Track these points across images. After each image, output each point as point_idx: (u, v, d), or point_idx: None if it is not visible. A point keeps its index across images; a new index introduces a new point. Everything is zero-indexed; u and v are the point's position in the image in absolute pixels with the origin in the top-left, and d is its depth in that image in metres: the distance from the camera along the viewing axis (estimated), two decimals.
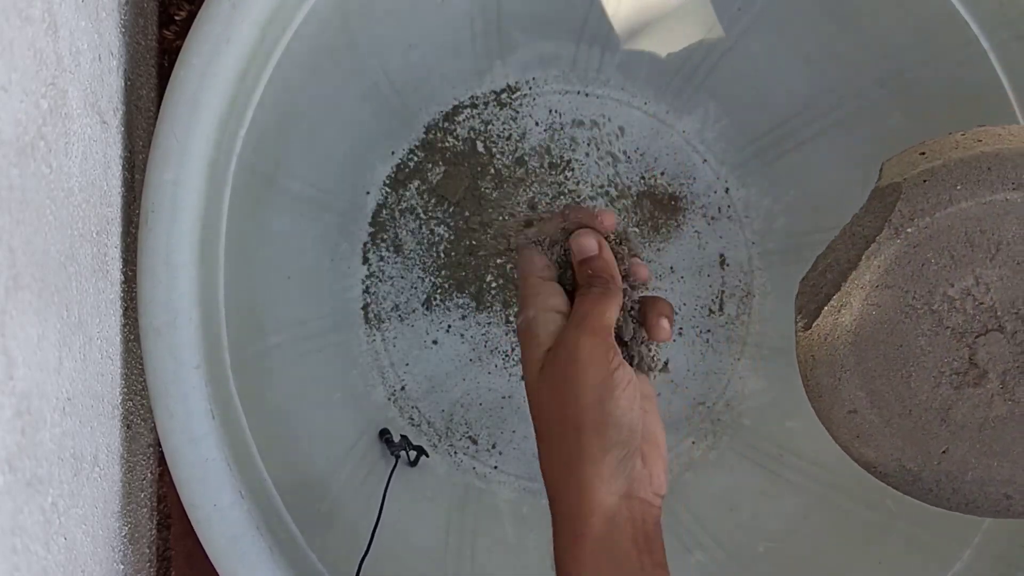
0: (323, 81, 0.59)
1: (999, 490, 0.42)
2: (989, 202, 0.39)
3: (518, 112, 0.70)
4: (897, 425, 0.43)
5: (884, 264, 0.41)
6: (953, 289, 0.40)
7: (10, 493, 0.29)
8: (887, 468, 0.44)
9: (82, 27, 0.38)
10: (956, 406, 0.42)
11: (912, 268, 0.41)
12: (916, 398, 0.42)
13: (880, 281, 0.41)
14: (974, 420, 0.42)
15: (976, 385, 0.41)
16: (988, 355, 0.41)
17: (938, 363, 0.41)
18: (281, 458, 0.54)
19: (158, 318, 0.46)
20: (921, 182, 0.40)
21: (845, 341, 0.43)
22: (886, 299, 0.41)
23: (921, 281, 0.41)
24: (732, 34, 0.65)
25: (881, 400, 0.43)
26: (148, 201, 0.45)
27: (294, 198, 0.61)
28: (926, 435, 0.43)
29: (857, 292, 0.42)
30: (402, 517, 0.63)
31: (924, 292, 0.41)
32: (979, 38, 0.53)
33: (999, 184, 0.39)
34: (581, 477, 0.38)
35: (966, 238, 0.40)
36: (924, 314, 0.41)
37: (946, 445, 0.42)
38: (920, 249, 0.40)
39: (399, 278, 0.69)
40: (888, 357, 0.42)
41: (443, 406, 0.71)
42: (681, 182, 0.72)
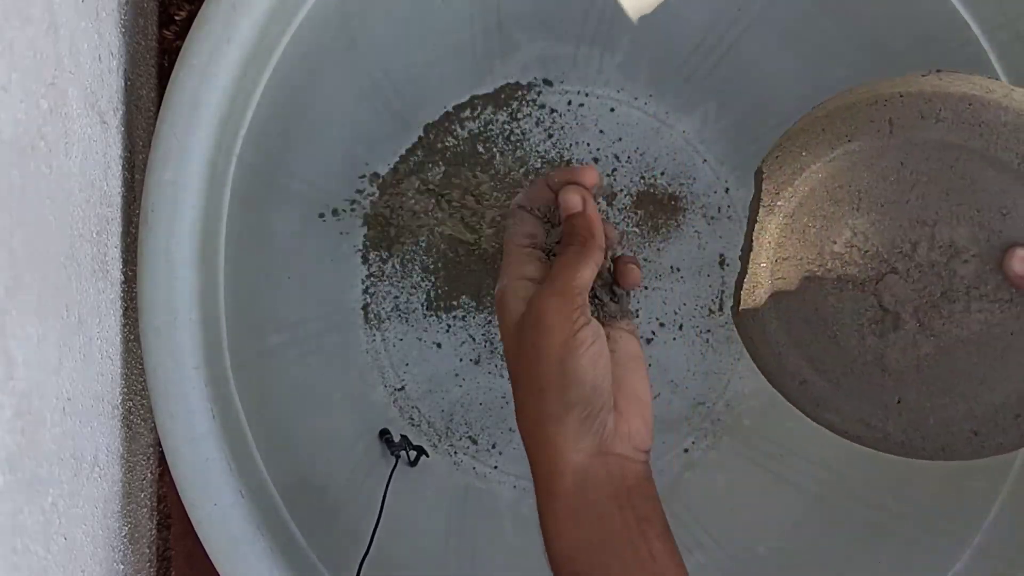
0: (323, 81, 0.59)
1: (964, 427, 0.43)
2: (833, 158, 0.42)
3: (518, 112, 0.70)
4: (846, 385, 0.44)
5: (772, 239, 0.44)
6: (837, 245, 0.42)
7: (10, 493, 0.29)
8: (856, 429, 0.46)
9: (82, 27, 0.38)
10: (887, 353, 0.43)
11: (796, 236, 0.43)
12: (850, 355, 0.44)
13: (775, 255, 0.44)
14: (908, 363, 0.43)
15: (896, 328, 0.42)
16: (893, 297, 0.42)
17: (854, 316, 0.43)
18: (281, 458, 0.54)
19: (158, 318, 0.46)
20: (774, 159, 0.44)
21: (771, 318, 0.46)
22: (787, 270, 0.44)
23: (808, 245, 0.43)
24: (732, 34, 0.65)
25: (822, 364, 0.45)
26: (148, 201, 0.45)
27: (294, 198, 0.61)
28: (874, 388, 0.44)
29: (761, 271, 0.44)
30: (402, 517, 0.63)
31: (815, 255, 0.43)
32: (979, 38, 0.53)
33: (835, 140, 0.42)
34: (548, 437, 0.39)
35: (828, 196, 0.42)
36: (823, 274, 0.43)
37: (897, 394, 0.44)
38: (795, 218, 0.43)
39: (399, 278, 0.69)
40: (810, 322, 0.44)
41: (443, 406, 0.71)
42: (681, 182, 0.72)
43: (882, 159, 0.41)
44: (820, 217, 0.42)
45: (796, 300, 0.44)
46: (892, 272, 0.42)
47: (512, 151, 0.70)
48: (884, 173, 0.41)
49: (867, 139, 0.41)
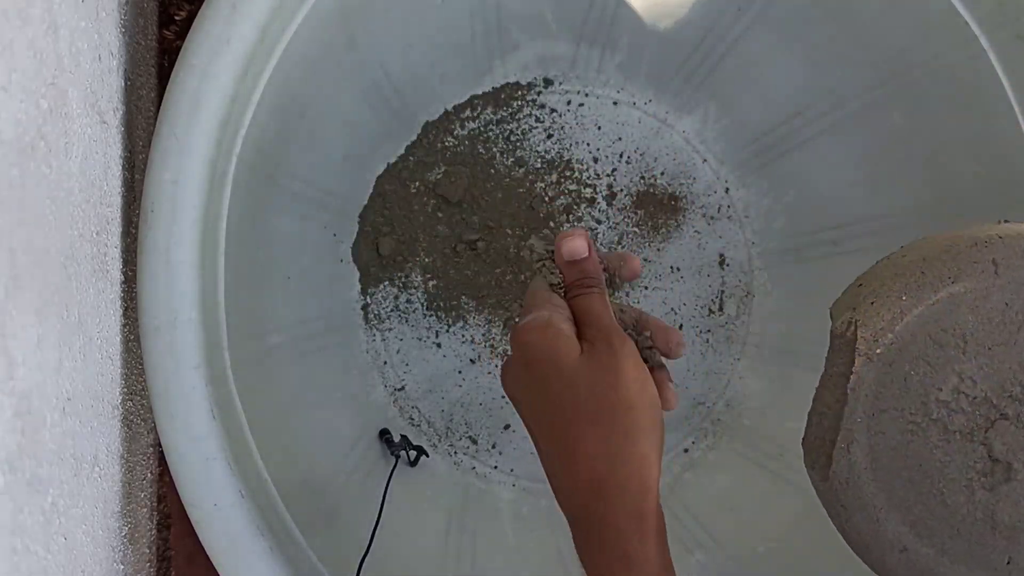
0: (323, 81, 0.59)
1: None
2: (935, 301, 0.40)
3: (518, 112, 0.70)
4: (952, 550, 0.42)
5: (871, 391, 0.41)
6: (943, 392, 0.40)
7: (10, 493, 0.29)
8: None
9: (82, 27, 0.38)
10: (998, 508, 0.41)
11: (897, 386, 0.41)
12: (958, 514, 0.42)
13: (874, 408, 0.41)
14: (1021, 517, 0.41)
15: (1008, 480, 0.41)
16: (1004, 446, 0.40)
17: (962, 470, 0.41)
18: (281, 458, 0.54)
19: (158, 318, 0.46)
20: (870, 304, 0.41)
21: (867, 479, 0.43)
22: (886, 424, 0.41)
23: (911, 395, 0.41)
24: (732, 34, 0.65)
25: (926, 529, 0.43)
26: (148, 201, 0.45)
27: (294, 197, 0.61)
28: (984, 549, 0.42)
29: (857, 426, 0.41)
30: (402, 517, 0.63)
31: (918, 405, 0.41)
32: (979, 38, 0.53)
33: (938, 283, 0.40)
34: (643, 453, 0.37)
35: (932, 341, 0.40)
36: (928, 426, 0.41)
37: (1007, 554, 0.42)
38: (896, 366, 0.41)
39: (399, 278, 0.69)
40: (914, 481, 0.41)
41: (443, 406, 0.71)
42: (681, 182, 0.72)
43: (987, 300, 0.40)
44: (923, 363, 0.40)
45: (898, 457, 0.41)
46: (1002, 418, 0.40)
47: (512, 151, 0.70)
48: (989, 315, 0.40)
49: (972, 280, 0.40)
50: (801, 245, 0.70)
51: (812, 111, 0.66)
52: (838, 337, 0.43)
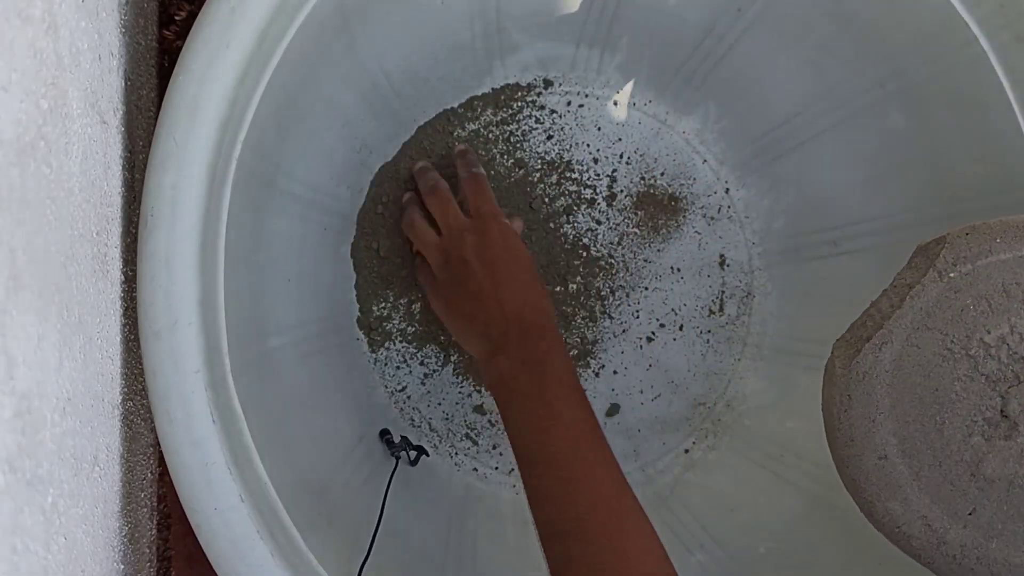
0: (323, 83, 0.59)
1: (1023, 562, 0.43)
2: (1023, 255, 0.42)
3: (518, 113, 0.70)
4: (926, 478, 0.43)
5: (926, 306, 0.43)
6: (989, 336, 0.42)
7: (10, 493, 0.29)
8: (912, 528, 0.45)
9: (82, 27, 0.38)
10: (987, 459, 0.42)
11: (952, 312, 0.42)
12: (948, 448, 0.43)
13: (922, 322, 0.43)
14: (1004, 476, 0.42)
15: (1007, 438, 0.42)
16: (1020, 406, 0.42)
17: (971, 411, 0.42)
18: (281, 461, 0.54)
19: (158, 322, 0.46)
20: (964, 235, 0.43)
21: (883, 381, 0.44)
22: (926, 340, 0.43)
23: (960, 325, 0.42)
24: (732, 34, 0.65)
25: (912, 447, 0.44)
26: (148, 205, 0.45)
27: (294, 200, 0.61)
28: (955, 491, 0.43)
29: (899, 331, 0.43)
30: (403, 519, 0.63)
31: (962, 336, 0.42)
32: (979, 39, 0.53)
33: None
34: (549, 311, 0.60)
35: (1003, 288, 0.42)
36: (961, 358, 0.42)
37: (974, 505, 0.43)
38: (960, 295, 0.42)
39: (399, 280, 0.69)
40: (924, 401, 0.43)
41: (444, 407, 0.71)
42: (681, 182, 0.72)
43: None
44: (986, 304, 0.42)
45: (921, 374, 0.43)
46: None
47: (512, 152, 0.70)
48: None
49: None
50: (801, 245, 0.70)
51: (812, 111, 0.66)
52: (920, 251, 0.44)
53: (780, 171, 0.70)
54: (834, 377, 0.46)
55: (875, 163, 0.65)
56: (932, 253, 0.44)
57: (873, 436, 0.45)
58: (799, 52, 0.64)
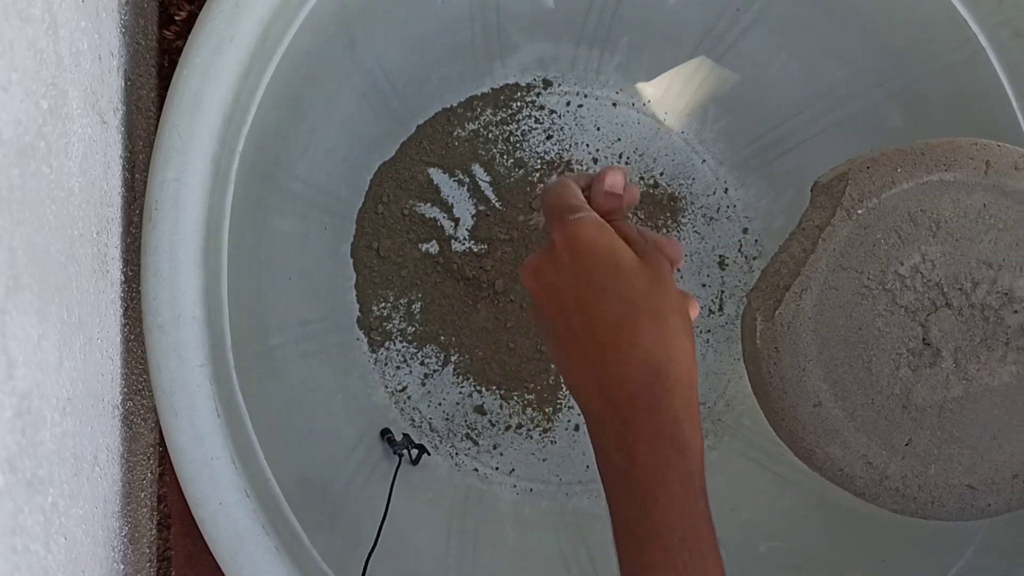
0: (323, 81, 0.59)
1: (962, 481, 0.44)
2: (926, 183, 0.42)
3: (518, 113, 0.70)
4: (861, 418, 0.44)
5: (839, 246, 0.43)
6: (903, 267, 0.42)
7: (10, 493, 0.29)
8: (854, 468, 0.45)
9: (82, 27, 0.38)
10: (916, 389, 0.43)
11: (865, 248, 0.43)
12: (878, 384, 0.43)
13: (837, 263, 0.43)
14: (933, 403, 0.43)
15: (932, 365, 0.43)
16: (940, 332, 0.42)
17: (895, 344, 0.43)
18: (284, 457, 0.54)
19: (162, 316, 0.46)
20: (865, 168, 0.43)
21: (808, 328, 0.44)
22: (843, 281, 0.43)
23: (874, 261, 0.43)
24: (732, 34, 0.65)
25: (844, 390, 0.44)
26: (151, 199, 0.45)
27: (295, 197, 0.61)
28: (890, 425, 0.44)
29: (816, 276, 0.43)
30: (404, 518, 0.63)
31: (877, 271, 0.43)
32: (978, 37, 0.53)
33: (932, 166, 0.42)
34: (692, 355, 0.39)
35: (910, 217, 0.42)
36: (879, 293, 0.43)
37: (909, 435, 0.43)
38: (870, 230, 0.43)
39: (399, 280, 0.69)
40: (849, 342, 0.43)
41: (444, 407, 0.71)
42: (680, 182, 0.72)
43: (969, 196, 0.42)
44: (895, 235, 0.42)
45: (843, 315, 0.43)
46: (947, 306, 0.42)
47: (511, 152, 0.70)
48: (967, 210, 0.42)
49: (962, 172, 0.42)
50: None
51: (812, 111, 0.66)
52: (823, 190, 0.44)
53: (779, 171, 0.70)
54: (755, 330, 0.45)
55: None
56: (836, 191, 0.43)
57: (805, 384, 0.45)
58: (799, 52, 0.64)
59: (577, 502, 0.71)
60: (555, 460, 0.71)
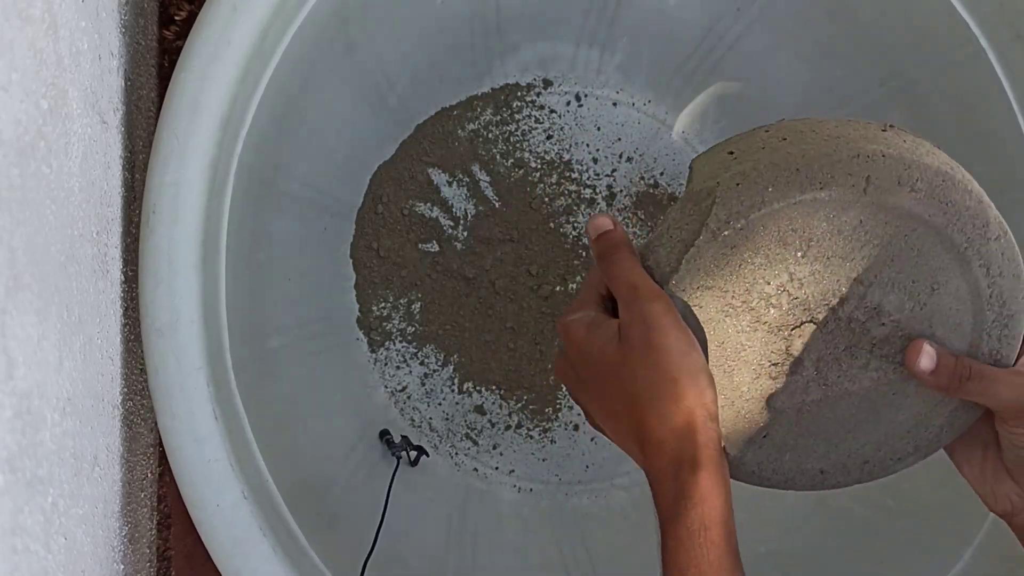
0: (322, 82, 0.59)
1: (815, 466, 0.44)
2: (799, 202, 0.40)
3: (517, 113, 0.70)
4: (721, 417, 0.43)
5: (704, 267, 0.41)
6: (769, 287, 0.41)
7: (10, 493, 0.29)
8: None
9: (82, 27, 0.39)
10: (776, 394, 0.43)
11: (731, 269, 0.41)
12: (738, 391, 0.43)
13: (701, 283, 0.41)
14: (792, 405, 0.43)
15: (793, 373, 0.42)
16: (803, 345, 0.42)
17: (757, 357, 0.42)
18: (282, 459, 0.54)
19: (160, 319, 0.46)
20: (734, 185, 0.41)
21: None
22: (707, 300, 0.42)
23: (739, 281, 0.41)
24: (732, 34, 0.65)
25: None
26: (149, 203, 0.45)
27: (294, 200, 0.61)
28: (748, 423, 0.43)
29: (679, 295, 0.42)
30: (403, 518, 0.63)
31: (742, 291, 0.41)
32: (979, 37, 0.53)
33: (807, 184, 0.40)
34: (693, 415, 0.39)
35: (779, 237, 0.41)
36: (743, 312, 0.42)
37: (767, 431, 0.43)
38: (737, 250, 0.41)
39: (399, 280, 0.69)
40: (711, 354, 0.42)
41: (444, 407, 0.71)
42: (680, 182, 0.72)
43: (845, 213, 0.40)
44: (763, 256, 0.41)
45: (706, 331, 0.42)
46: (811, 322, 0.41)
47: (511, 152, 0.70)
48: (841, 227, 0.40)
49: (839, 191, 0.40)
50: None
51: (812, 111, 0.66)
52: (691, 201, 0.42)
53: None
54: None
55: None
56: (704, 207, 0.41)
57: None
58: (799, 51, 0.64)
59: (577, 502, 0.71)
60: (555, 460, 0.71)
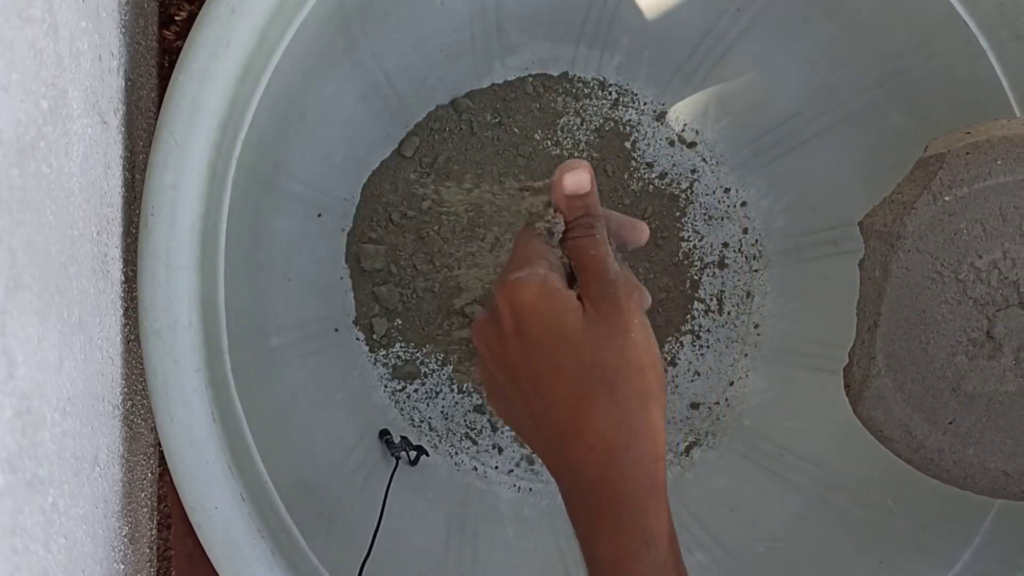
0: (322, 83, 0.59)
1: (998, 466, 0.43)
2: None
3: (517, 113, 0.70)
4: (909, 390, 0.43)
5: (919, 229, 0.41)
6: (981, 260, 0.41)
7: (10, 493, 0.29)
8: (893, 433, 0.45)
9: (82, 27, 0.39)
10: (968, 377, 0.42)
11: (945, 236, 0.41)
12: (931, 365, 0.43)
13: (913, 245, 0.42)
14: (984, 393, 0.42)
15: (991, 358, 0.42)
16: (1006, 329, 0.41)
17: (956, 332, 0.42)
18: (282, 460, 0.54)
19: (158, 321, 0.46)
20: (964, 154, 0.41)
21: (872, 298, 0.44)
22: (916, 263, 0.42)
23: (952, 249, 0.41)
24: (732, 34, 0.65)
25: (897, 363, 0.44)
26: (148, 204, 0.45)
27: (294, 200, 0.61)
28: (936, 403, 0.43)
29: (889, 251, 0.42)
30: (403, 518, 0.63)
31: (953, 260, 0.41)
32: (978, 37, 0.54)
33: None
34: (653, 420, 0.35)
35: (1000, 212, 0.41)
36: (950, 282, 0.41)
37: (954, 416, 0.43)
38: (955, 218, 0.41)
39: (398, 279, 0.69)
40: (910, 321, 0.42)
41: (444, 407, 0.71)
42: (680, 183, 0.72)
43: None
44: (980, 228, 0.41)
45: (909, 295, 0.42)
46: (1019, 305, 0.41)
47: (512, 152, 0.70)
48: None
49: None
50: (801, 245, 0.70)
51: (812, 111, 0.66)
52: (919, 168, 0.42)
53: (780, 171, 0.70)
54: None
55: (875, 162, 0.65)
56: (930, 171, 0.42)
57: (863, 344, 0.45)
58: (799, 52, 0.64)
59: None
60: None
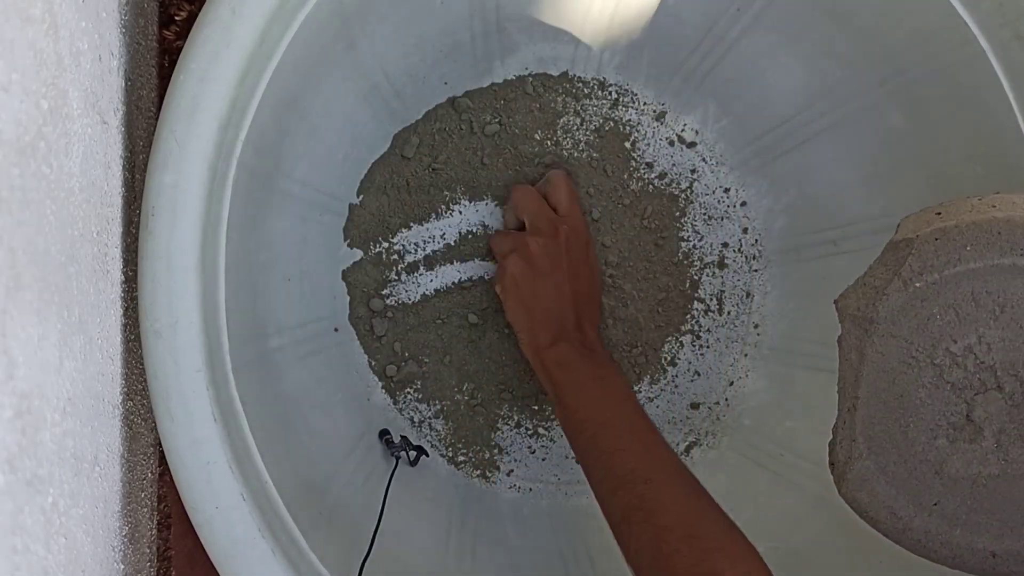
0: (322, 83, 0.59)
1: (986, 547, 0.43)
2: (997, 265, 0.40)
3: (516, 113, 0.70)
4: (892, 473, 0.43)
5: (891, 314, 0.41)
6: (956, 345, 0.41)
7: (10, 493, 0.29)
8: (879, 515, 0.45)
9: (83, 27, 0.39)
10: (951, 460, 0.42)
11: (918, 321, 0.41)
12: (912, 448, 0.43)
13: (887, 330, 0.41)
14: (967, 475, 0.42)
15: (971, 441, 0.42)
16: (985, 413, 0.41)
17: (936, 416, 0.42)
18: (282, 460, 0.54)
19: (159, 321, 0.46)
20: (933, 239, 0.41)
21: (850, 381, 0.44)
22: (890, 348, 0.41)
23: (925, 334, 0.41)
24: (732, 34, 0.65)
25: (879, 447, 0.44)
26: (148, 204, 0.45)
27: (294, 200, 0.61)
28: (920, 485, 0.43)
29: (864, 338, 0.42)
30: (403, 518, 0.63)
31: (928, 345, 0.41)
32: (978, 38, 0.53)
33: (1008, 249, 0.40)
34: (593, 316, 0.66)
35: (972, 297, 0.40)
36: (926, 366, 0.41)
37: (938, 497, 0.43)
38: (927, 303, 0.41)
39: (398, 279, 0.69)
40: (888, 405, 0.42)
41: (444, 407, 0.71)
42: (680, 183, 0.72)
43: None
44: (953, 313, 0.40)
45: (885, 380, 0.42)
46: (996, 389, 0.41)
47: (512, 152, 0.70)
48: None
49: None
50: (801, 245, 0.70)
51: (812, 111, 0.66)
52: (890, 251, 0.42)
53: (780, 171, 0.70)
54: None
55: (875, 162, 0.65)
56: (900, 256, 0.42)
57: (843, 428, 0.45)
58: (799, 51, 0.64)
59: (576, 502, 0.71)
60: (554, 460, 0.71)
